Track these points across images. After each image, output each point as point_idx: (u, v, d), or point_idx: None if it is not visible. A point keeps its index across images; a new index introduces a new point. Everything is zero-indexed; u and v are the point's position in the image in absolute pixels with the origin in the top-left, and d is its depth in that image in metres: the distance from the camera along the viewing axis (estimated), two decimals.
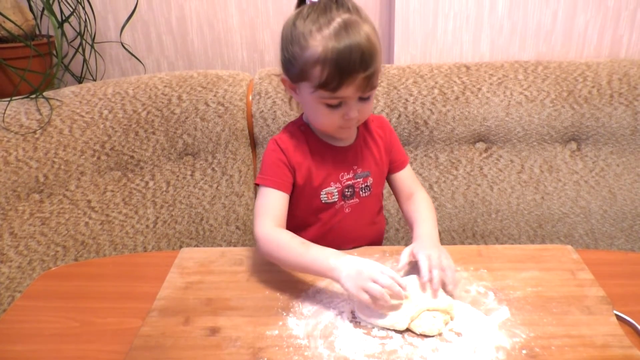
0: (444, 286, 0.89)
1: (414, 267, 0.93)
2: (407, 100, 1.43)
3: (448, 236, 1.50)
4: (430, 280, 0.87)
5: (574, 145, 1.47)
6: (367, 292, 0.82)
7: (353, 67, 0.88)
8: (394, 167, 1.13)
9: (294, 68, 0.93)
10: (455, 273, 0.91)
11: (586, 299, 0.90)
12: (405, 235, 1.49)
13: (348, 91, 0.91)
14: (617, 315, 0.86)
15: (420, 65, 1.48)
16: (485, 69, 1.46)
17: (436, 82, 1.44)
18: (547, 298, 0.90)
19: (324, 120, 0.98)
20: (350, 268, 0.85)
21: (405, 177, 1.14)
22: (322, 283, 0.95)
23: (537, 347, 0.80)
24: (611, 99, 1.42)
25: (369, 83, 0.91)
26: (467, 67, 1.47)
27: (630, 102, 1.41)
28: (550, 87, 1.43)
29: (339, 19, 0.89)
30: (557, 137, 1.46)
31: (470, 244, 1.50)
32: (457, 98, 1.43)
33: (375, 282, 0.82)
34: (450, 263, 0.91)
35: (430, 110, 1.43)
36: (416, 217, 1.05)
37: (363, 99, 0.95)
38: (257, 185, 1.04)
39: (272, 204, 1.00)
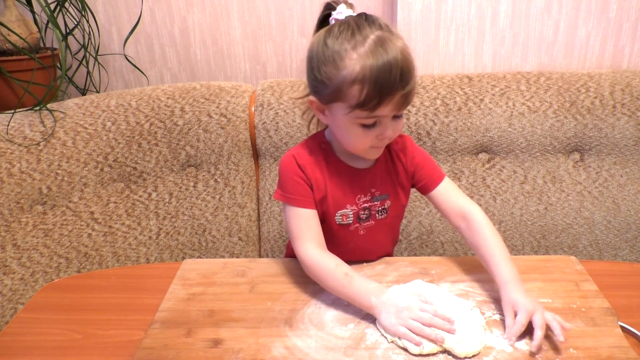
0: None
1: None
2: (409, 111, 1.43)
3: (452, 247, 1.49)
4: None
5: (577, 156, 1.47)
6: (408, 328, 0.83)
7: (393, 85, 0.85)
8: (425, 185, 1.06)
9: (328, 89, 0.90)
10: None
11: (591, 311, 0.89)
12: (409, 247, 1.48)
13: (386, 110, 0.88)
14: (622, 327, 0.85)
15: (422, 76, 1.48)
16: (488, 79, 1.47)
17: (439, 93, 1.44)
18: (551, 309, 0.89)
19: (357, 140, 0.94)
20: (390, 307, 0.86)
21: (444, 193, 1.05)
22: (325, 296, 0.94)
23: (542, 359, 0.79)
24: (614, 110, 1.42)
25: (406, 100, 0.89)
26: (470, 78, 1.47)
27: (632, 113, 1.41)
28: (553, 97, 1.43)
29: (372, 36, 0.86)
30: (560, 148, 1.46)
31: (474, 254, 1.49)
32: (459, 109, 1.43)
33: (416, 320, 0.83)
34: (549, 315, 0.84)
35: (433, 121, 1.43)
36: (490, 254, 0.96)
37: (396, 117, 0.93)
38: (278, 199, 1.02)
39: (308, 225, 0.99)
